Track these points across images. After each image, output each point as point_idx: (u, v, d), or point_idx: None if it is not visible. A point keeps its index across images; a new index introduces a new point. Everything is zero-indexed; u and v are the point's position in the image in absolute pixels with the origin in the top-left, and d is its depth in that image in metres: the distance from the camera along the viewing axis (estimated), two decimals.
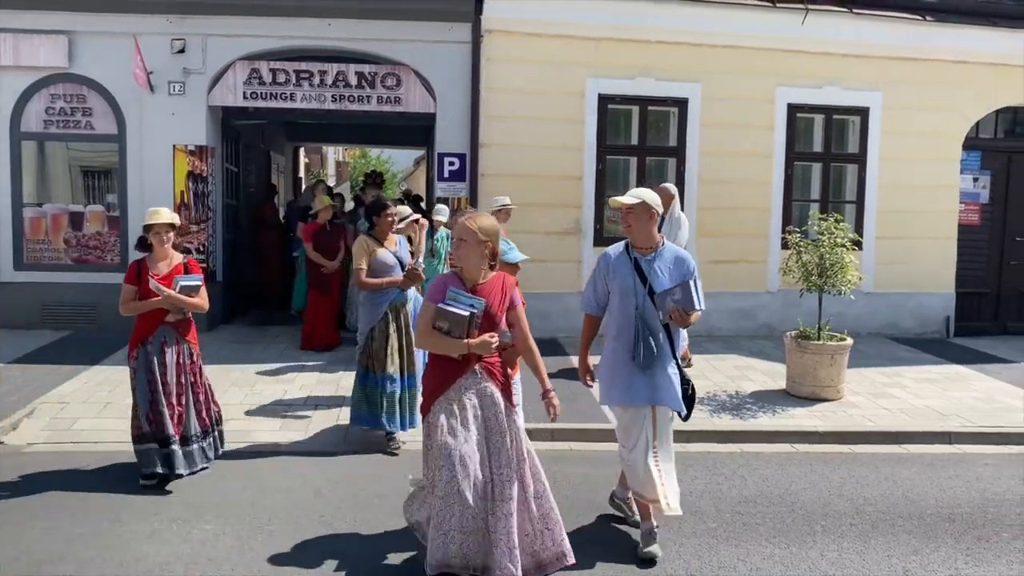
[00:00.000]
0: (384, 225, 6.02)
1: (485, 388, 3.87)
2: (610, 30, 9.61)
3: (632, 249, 4.43)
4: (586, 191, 9.82)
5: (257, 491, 5.11)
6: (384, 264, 5.90)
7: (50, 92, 9.36)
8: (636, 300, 4.32)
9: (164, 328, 5.27)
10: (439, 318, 3.75)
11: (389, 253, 5.94)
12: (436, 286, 3.87)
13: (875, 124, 10.34)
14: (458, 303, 3.77)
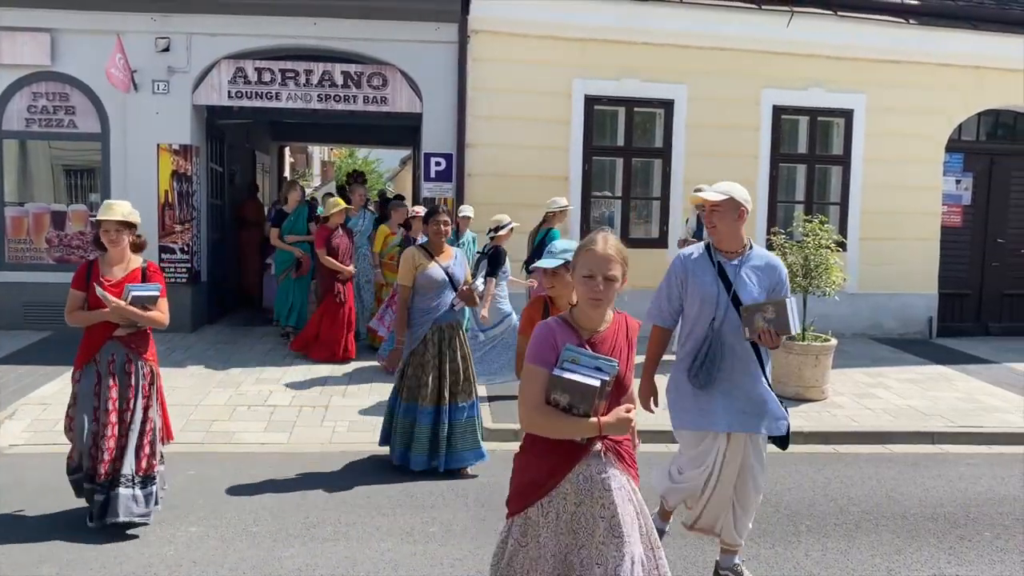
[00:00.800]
0: (435, 235, 5.42)
1: (611, 478, 2.72)
2: (596, 31, 9.63)
3: (715, 251, 3.85)
4: (572, 191, 9.82)
5: (242, 493, 5.09)
6: (432, 281, 5.33)
7: (32, 90, 9.27)
8: (717, 312, 3.73)
9: (113, 344, 4.48)
10: (557, 390, 2.60)
11: (439, 268, 5.37)
12: (542, 340, 2.68)
13: (859, 126, 10.42)
14: (581, 368, 2.62)
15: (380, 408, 6.81)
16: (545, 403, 2.63)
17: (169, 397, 6.87)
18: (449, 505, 4.96)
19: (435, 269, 5.36)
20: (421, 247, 5.46)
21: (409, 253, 5.44)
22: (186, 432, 6.21)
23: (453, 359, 5.44)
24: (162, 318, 4.60)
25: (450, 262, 5.45)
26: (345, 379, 7.77)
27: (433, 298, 5.37)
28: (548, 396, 2.63)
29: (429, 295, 5.35)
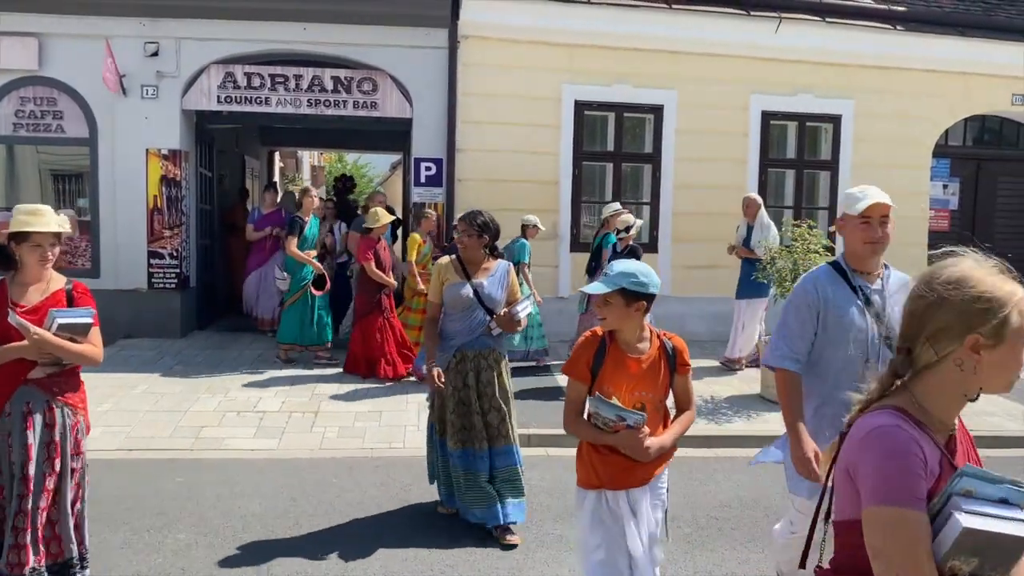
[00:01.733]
0: (462, 247, 4.70)
1: None
2: (586, 37, 9.65)
3: (852, 273, 3.14)
4: (563, 196, 9.85)
5: (231, 499, 5.07)
6: (457, 299, 4.57)
7: (20, 95, 9.22)
8: (869, 348, 3.01)
9: (29, 389, 3.49)
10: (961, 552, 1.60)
11: (468, 285, 4.59)
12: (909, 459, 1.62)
13: (847, 131, 10.48)
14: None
15: (371, 415, 6.83)
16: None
17: (158, 403, 6.93)
18: (441, 512, 4.95)
19: (461, 286, 4.58)
20: (457, 259, 4.70)
21: (439, 265, 4.71)
22: (175, 438, 6.19)
23: (483, 394, 4.60)
24: (95, 353, 3.61)
25: (485, 279, 4.62)
26: (336, 384, 7.75)
27: (459, 320, 4.60)
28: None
29: (454, 315, 4.62)
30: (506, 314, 4.58)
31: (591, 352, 3.04)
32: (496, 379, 4.63)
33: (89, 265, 9.42)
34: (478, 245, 4.63)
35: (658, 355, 3.06)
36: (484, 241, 4.64)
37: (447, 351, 4.62)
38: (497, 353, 4.68)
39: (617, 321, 3.00)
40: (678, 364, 3.09)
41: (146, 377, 7.75)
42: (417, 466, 5.73)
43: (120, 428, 6.34)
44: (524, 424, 6.51)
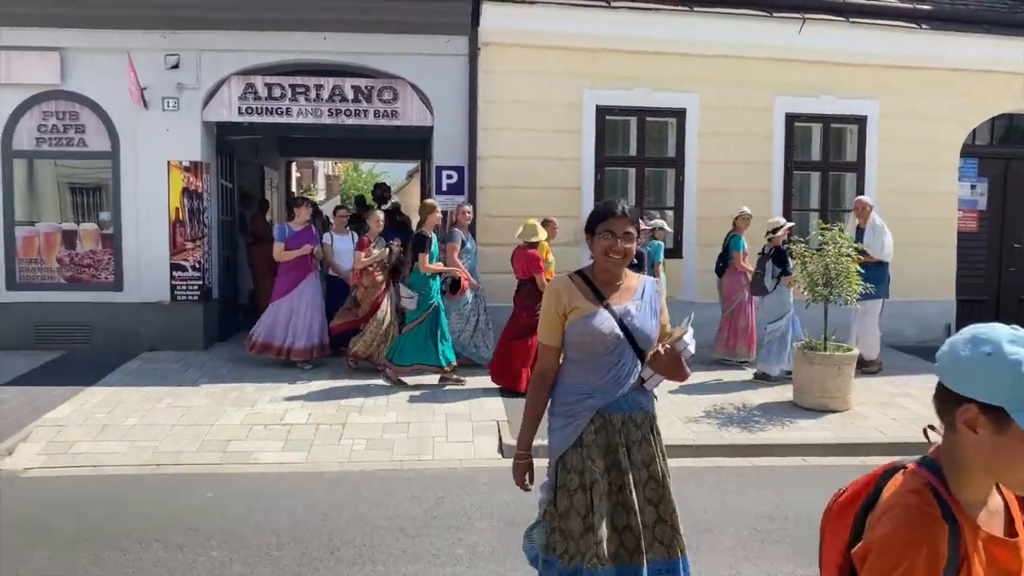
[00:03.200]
0: (604, 254, 3.02)
1: None
2: (607, 41, 9.57)
3: None
4: (585, 202, 9.74)
5: (262, 514, 4.99)
6: (596, 338, 2.98)
7: (42, 109, 9.23)
8: None
9: None
10: None
11: (610, 317, 3.01)
12: None
13: (873, 132, 10.34)
14: None
15: (398, 426, 6.75)
16: None
17: (184, 417, 6.88)
18: (475, 526, 4.86)
19: (597, 317, 3.00)
20: (580, 276, 3.12)
21: (555, 289, 3.09)
22: (202, 453, 6.13)
23: (639, 480, 3.03)
24: None
25: (630, 303, 3.07)
26: (362, 395, 7.68)
27: (595, 369, 3.03)
28: None
29: (590, 362, 3.03)
30: (669, 352, 2.95)
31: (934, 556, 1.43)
32: (656, 457, 3.08)
33: (112, 278, 9.41)
34: (623, 254, 3.00)
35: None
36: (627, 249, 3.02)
37: (578, 416, 3.04)
38: (651, 415, 3.13)
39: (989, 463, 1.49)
40: None
41: (171, 390, 7.70)
42: (447, 478, 5.67)
43: (147, 443, 6.28)
44: None
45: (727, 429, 6.74)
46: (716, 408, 7.33)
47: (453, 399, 7.58)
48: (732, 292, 8.87)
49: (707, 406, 7.39)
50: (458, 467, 5.95)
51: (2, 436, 6.27)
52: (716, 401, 7.58)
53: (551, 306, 3.07)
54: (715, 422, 6.91)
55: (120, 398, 7.44)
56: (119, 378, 8.16)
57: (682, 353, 2.95)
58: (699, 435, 6.55)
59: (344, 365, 8.67)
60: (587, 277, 3.11)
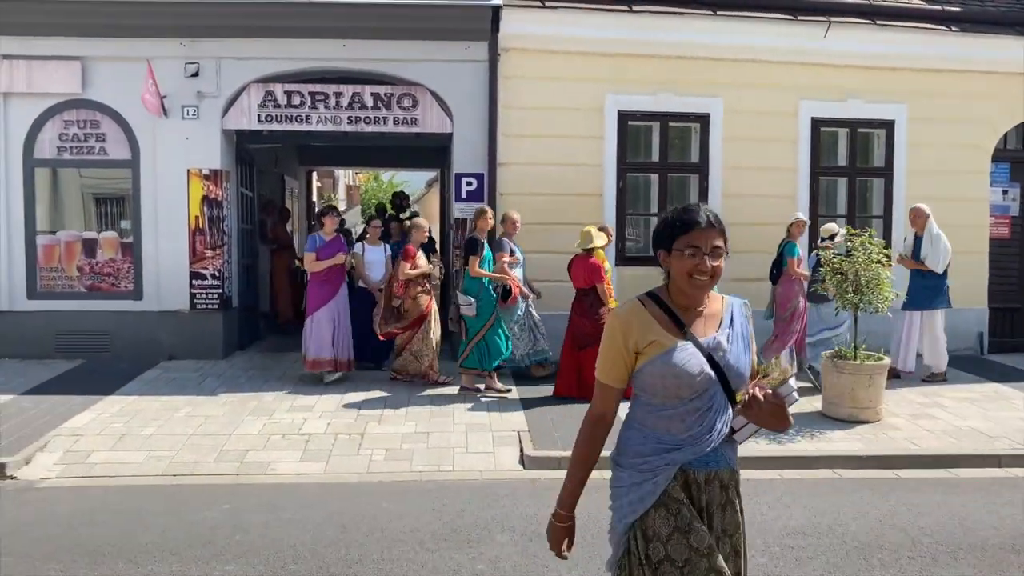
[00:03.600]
0: (687, 274, 2.38)
1: None
2: (629, 45, 9.45)
3: None
4: (606, 209, 9.61)
5: (279, 527, 4.88)
6: (680, 377, 2.38)
7: (63, 118, 9.24)
8: None
9: None
10: None
11: (697, 352, 2.41)
12: None
13: (901, 137, 10.13)
14: None
15: (418, 436, 6.64)
16: None
17: (202, 426, 6.81)
18: (496, 539, 4.72)
19: (682, 352, 2.39)
20: (653, 299, 2.48)
21: (624, 318, 2.45)
22: (220, 463, 6.04)
23: (721, 550, 2.44)
24: None
25: (719, 332, 2.46)
26: (380, 404, 7.58)
27: (683, 416, 2.41)
28: None
29: (673, 408, 2.41)
30: (770, 399, 2.31)
31: None
32: (740, 524, 2.55)
33: (132, 287, 9.39)
34: (710, 274, 2.37)
35: None
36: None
37: (658, 472, 2.42)
38: (737, 474, 2.56)
39: None
40: None
41: (189, 400, 7.64)
42: (468, 490, 5.54)
43: (164, 453, 6.21)
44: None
45: (755, 440, 6.53)
46: None
47: (473, 409, 7.45)
48: (787, 299, 8.59)
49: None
50: (479, 479, 5.82)
51: (20, 445, 6.22)
52: None
53: (618, 339, 2.42)
54: None
55: (138, 407, 7.39)
56: (138, 387, 8.12)
57: (786, 400, 2.33)
58: None
59: (363, 375, 8.56)
60: (661, 301, 2.47)
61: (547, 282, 9.22)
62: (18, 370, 8.70)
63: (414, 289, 8.20)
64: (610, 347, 2.46)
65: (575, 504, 2.55)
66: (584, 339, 7.64)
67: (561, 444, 6.33)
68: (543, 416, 7.15)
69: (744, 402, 2.35)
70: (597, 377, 2.51)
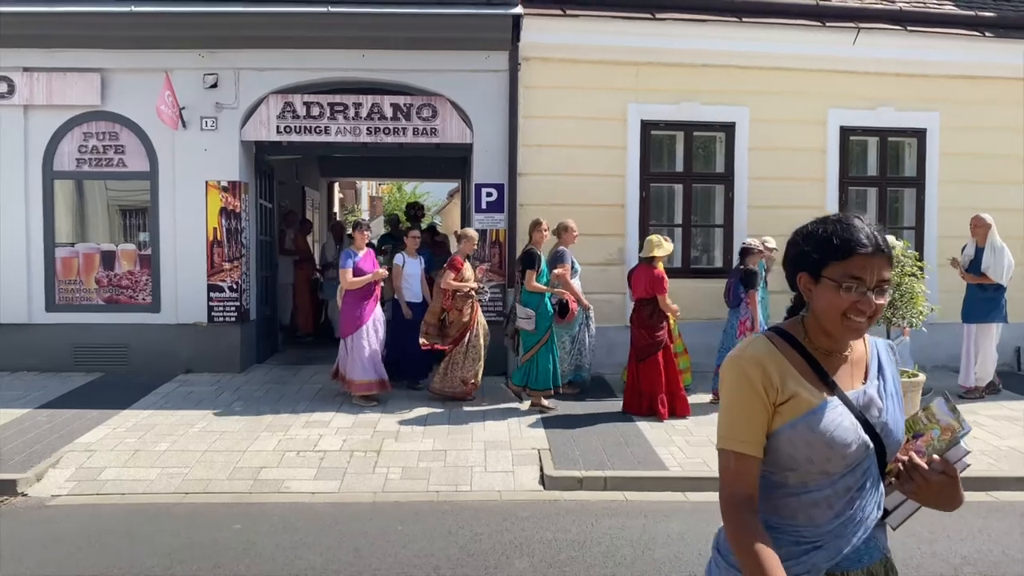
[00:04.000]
0: (849, 325, 1.83)
1: None
2: (652, 54, 9.27)
3: None
4: (629, 220, 9.42)
5: (290, 550, 4.72)
6: (838, 446, 1.82)
7: (83, 130, 9.22)
8: None
9: None
10: None
11: (850, 415, 1.86)
12: None
13: (933, 146, 9.85)
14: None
15: (435, 454, 6.47)
16: None
17: (216, 442, 6.68)
18: (515, 565, 4.52)
19: (835, 413, 1.85)
20: (785, 339, 1.94)
21: (758, 360, 1.88)
22: (233, 481, 5.91)
23: None
24: None
25: (869, 386, 1.93)
26: (397, 421, 7.42)
27: (829, 499, 1.86)
28: None
29: (817, 488, 1.86)
30: (935, 465, 1.83)
31: None
32: None
33: (149, 300, 9.33)
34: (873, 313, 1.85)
35: None
36: None
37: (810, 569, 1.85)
38: (891, 564, 1.97)
39: None
40: None
41: (204, 414, 7.53)
42: (486, 512, 5.35)
43: (177, 470, 6.08)
44: (598, 464, 6.09)
45: None
46: None
47: (493, 426, 7.27)
48: None
49: None
50: (497, 499, 5.63)
51: (32, 461, 6.13)
52: None
53: (755, 389, 1.83)
54: None
55: (153, 422, 7.29)
56: (153, 401, 8.02)
57: (957, 467, 1.81)
58: None
59: (395, 393, 8.39)
60: (795, 341, 1.90)
61: None
62: (36, 383, 8.65)
63: (460, 301, 7.99)
64: (741, 400, 1.84)
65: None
66: (643, 351, 7.50)
67: (582, 463, 6.13)
68: (564, 434, 6.95)
69: (898, 473, 1.84)
70: (724, 446, 1.85)
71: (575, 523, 5.14)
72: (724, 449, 1.84)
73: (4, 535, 4.95)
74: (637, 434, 6.93)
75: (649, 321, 7.47)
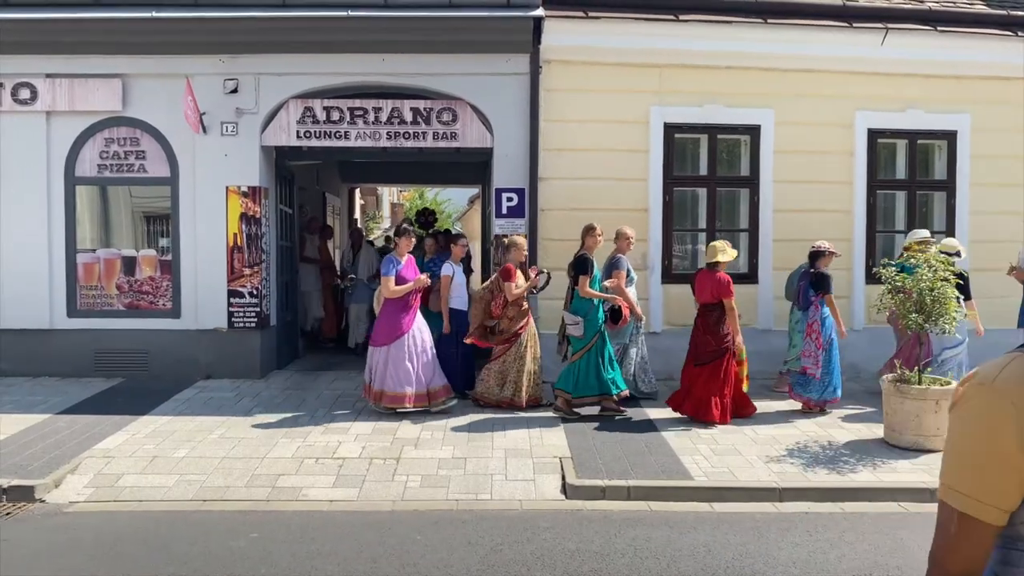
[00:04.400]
0: None
1: None
2: (675, 56, 9.14)
3: None
4: (652, 224, 9.28)
5: (307, 560, 4.63)
6: None
7: (104, 136, 9.23)
8: None
9: None
10: None
11: None
12: None
13: (964, 148, 9.63)
14: None
15: (455, 462, 6.37)
16: None
17: (234, 449, 6.62)
18: None
19: None
20: None
21: (1012, 390, 1.37)
22: (251, 488, 5.84)
23: None
24: None
25: None
26: (417, 427, 7.32)
27: None
28: None
29: None
30: None
31: None
32: None
33: (170, 305, 9.31)
34: None
35: None
36: None
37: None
38: None
39: None
40: None
41: (223, 420, 7.48)
42: (506, 521, 5.24)
43: (195, 477, 6.02)
44: (621, 474, 5.96)
45: (812, 470, 6.15)
46: (799, 446, 6.73)
47: (513, 433, 7.15)
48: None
49: (789, 443, 6.80)
50: (518, 509, 5.51)
51: (51, 467, 6.10)
52: (798, 438, 6.97)
53: (1004, 432, 1.37)
54: (799, 462, 6.31)
55: (172, 428, 7.25)
56: (173, 407, 7.99)
57: None
58: (783, 476, 5.97)
59: None
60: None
61: None
62: (57, 388, 8.65)
63: (513, 309, 7.89)
64: (983, 444, 1.38)
65: None
66: (705, 356, 7.42)
67: (605, 473, 6.00)
68: (585, 441, 6.82)
69: None
70: (949, 500, 1.43)
71: (598, 534, 5.01)
72: (948, 504, 1.41)
73: (22, 541, 4.90)
74: (660, 442, 6.78)
75: (715, 326, 7.40)
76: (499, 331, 7.96)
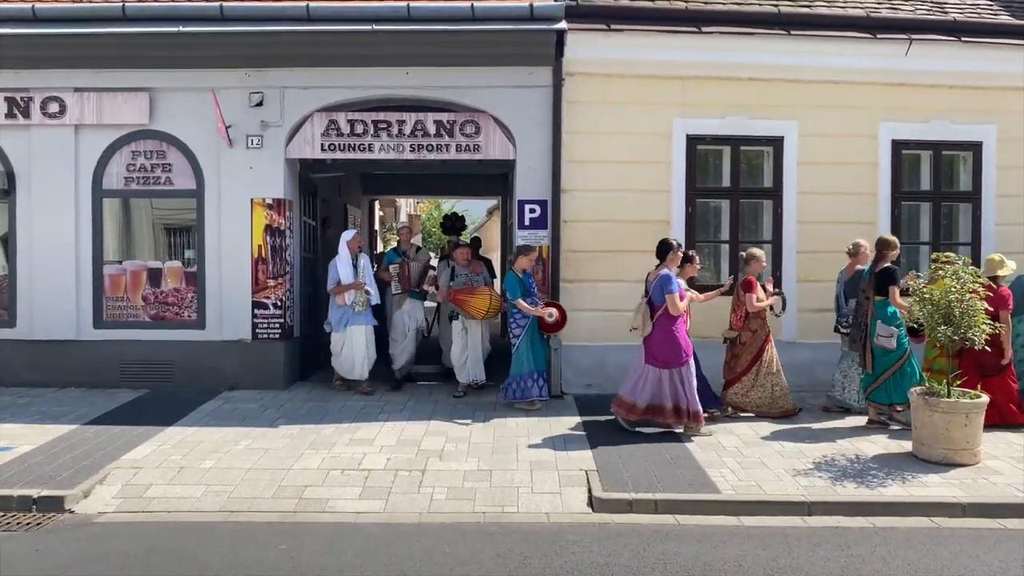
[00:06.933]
0: None
1: None
2: (698, 68, 9.15)
3: None
4: (675, 236, 9.22)
5: (337, 571, 4.63)
6: None
7: (131, 149, 9.34)
8: None
9: None
10: None
11: None
12: None
13: (990, 159, 9.55)
14: None
15: (480, 474, 6.36)
16: None
17: (261, 460, 6.64)
18: None
19: None
20: None
21: None
22: (277, 500, 5.85)
23: None
24: None
25: None
26: (442, 439, 7.32)
27: None
28: None
29: None
30: None
31: None
32: None
33: (195, 316, 9.38)
34: None
35: None
36: None
37: None
38: None
39: None
40: None
41: (249, 431, 7.51)
42: (534, 534, 5.22)
43: (222, 488, 6.05)
44: (648, 486, 5.93)
45: (841, 483, 6.09)
46: (826, 459, 6.67)
47: (536, 445, 7.14)
48: None
49: (816, 456, 6.74)
50: (545, 522, 5.49)
51: (80, 478, 6.14)
52: (825, 451, 6.91)
53: None
54: (827, 475, 6.26)
55: (199, 439, 7.29)
56: (198, 418, 8.03)
57: None
58: (810, 490, 5.92)
59: (428, 397, 8.33)
60: None
61: (608, 311, 8.97)
62: (84, 399, 8.73)
63: (756, 322, 7.91)
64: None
65: None
66: (988, 369, 7.54)
67: (631, 485, 5.97)
68: (611, 453, 6.79)
69: None
70: None
71: (626, 547, 4.98)
72: None
73: (54, 552, 4.94)
74: (686, 455, 6.75)
75: (993, 340, 7.21)
76: (740, 343, 7.98)
